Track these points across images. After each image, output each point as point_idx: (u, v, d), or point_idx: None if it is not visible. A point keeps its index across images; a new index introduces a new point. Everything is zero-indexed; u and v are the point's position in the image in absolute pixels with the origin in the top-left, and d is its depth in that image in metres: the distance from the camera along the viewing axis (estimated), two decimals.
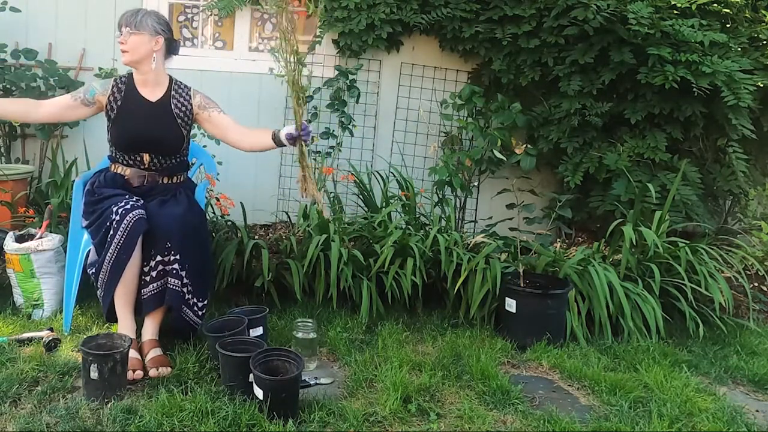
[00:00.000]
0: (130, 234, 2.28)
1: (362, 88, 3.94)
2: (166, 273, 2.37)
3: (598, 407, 2.24)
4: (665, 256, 2.98)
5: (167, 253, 2.35)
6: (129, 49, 2.46)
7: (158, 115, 2.53)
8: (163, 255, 2.35)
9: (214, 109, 2.61)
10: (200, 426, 1.90)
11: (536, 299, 2.74)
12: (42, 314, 2.73)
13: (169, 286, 2.37)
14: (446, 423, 2.08)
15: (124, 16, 2.47)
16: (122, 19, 2.47)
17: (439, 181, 3.43)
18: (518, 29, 3.64)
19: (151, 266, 2.35)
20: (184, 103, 2.58)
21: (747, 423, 2.17)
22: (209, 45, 4.13)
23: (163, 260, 2.35)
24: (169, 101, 2.56)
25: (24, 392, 2.06)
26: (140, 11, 2.49)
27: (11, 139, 3.79)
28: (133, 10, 2.50)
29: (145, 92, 2.55)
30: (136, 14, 2.47)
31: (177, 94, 2.58)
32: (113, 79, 2.58)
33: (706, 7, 3.39)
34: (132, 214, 2.30)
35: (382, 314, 2.89)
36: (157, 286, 2.37)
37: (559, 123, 3.68)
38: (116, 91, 2.53)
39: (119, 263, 2.30)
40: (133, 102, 2.53)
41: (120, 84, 2.55)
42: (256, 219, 3.82)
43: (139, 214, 2.32)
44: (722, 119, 3.34)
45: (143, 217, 2.33)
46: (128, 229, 2.28)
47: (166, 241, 2.34)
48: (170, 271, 2.36)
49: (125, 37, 2.45)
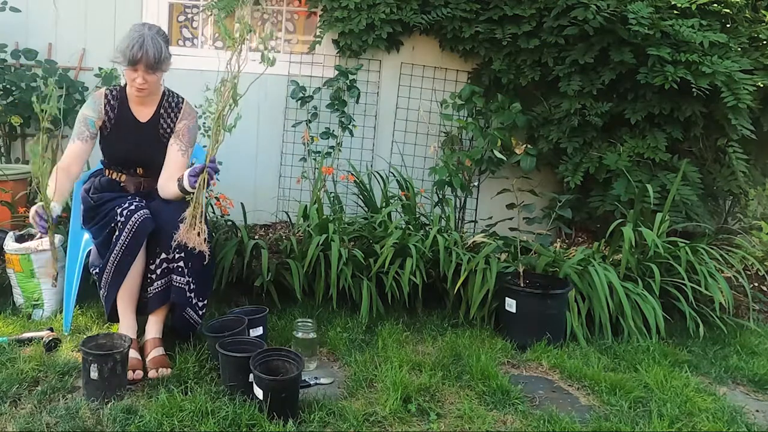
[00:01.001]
0: (135, 234, 2.28)
1: (362, 88, 3.94)
2: (171, 271, 2.37)
3: (598, 407, 2.24)
4: (665, 256, 2.98)
5: (172, 251, 2.35)
6: (147, 87, 2.44)
7: (147, 136, 2.54)
8: (168, 253, 2.35)
9: (178, 144, 2.53)
10: (200, 426, 1.90)
11: (536, 299, 2.74)
12: (42, 314, 2.73)
13: (173, 284, 2.37)
14: (446, 423, 2.08)
15: (142, 58, 2.34)
16: (138, 58, 2.34)
17: (439, 181, 3.43)
18: (518, 29, 3.64)
19: (156, 264, 2.36)
20: (170, 123, 2.57)
21: (747, 423, 2.17)
22: (209, 45, 4.13)
23: (167, 258, 2.36)
24: (158, 121, 2.56)
25: (24, 392, 2.06)
26: (157, 50, 2.37)
27: (11, 139, 3.79)
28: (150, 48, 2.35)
29: (137, 110, 2.54)
30: (155, 55, 2.36)
31: (166, 113, 2.57)
32: (103, 93, 2.54)
33: (706, 7, 3.39)
34: (138, 215, 2.30)
35: (382, 314, 2.89)
36: (162, 284, 2.37)
37: (559, 123, 3.68)
38: (109, 108, 2.52)
39: (124, 263, 2.30)
40: (124, 121, 2.53)
41: (112, 99, 2.53)
42: (256, 219, 3.82)
43: (144, 214, 2.31)
44: (722, 119, 3.33)
45: (149, 216, 2.33)
46: (134, 229, 2.28)
47: (171, 239, 2.33)
48: (175, 269, 2.36)
49: (144, 76, 2.39)
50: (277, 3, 4.06)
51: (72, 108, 3.70)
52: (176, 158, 2.52)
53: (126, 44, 2.36)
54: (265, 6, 4.05)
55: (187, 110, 2.61)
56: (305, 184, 3.92)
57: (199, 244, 2.27)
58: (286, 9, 4.08)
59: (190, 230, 2.26)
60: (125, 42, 2.37)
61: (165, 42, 2.44)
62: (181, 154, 2.53)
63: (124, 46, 2.37)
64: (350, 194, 3.73)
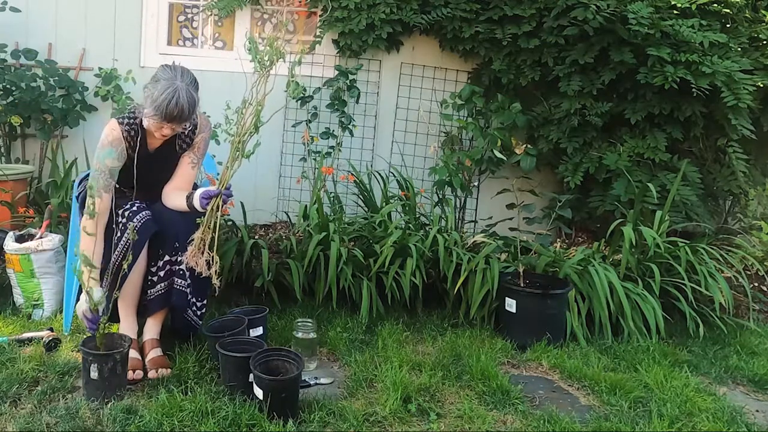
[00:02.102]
0: (138, 233, 2.25)
1: (362, 88, 3.94)
2: (173, 273, 2.36)
3: (598, 407, 2.24)
4: (665, 256, 2.98)
5: (175, 253, 2.34)
6: (167, 137, 2.33)
7: (163, 159, 2.44)
8: (171, 255, 2.34)
9: (191, 157, 2.47)
10: (200, 426, 1.90)
11: (536, 299, 2.74)
12: (42, 314, 2.73)
13: (175, 287, 2.36)
14: (446, 423, 2.07)
15: (177, 116, 2.19)
16: (174, 115, 2.19)
17: (439, 181, 3.43)
18: (518, 29, 3.64)
19: (158, 266, 2.35)
20: (188, 141, 2.48)
21: (747, 423, 2.17)
22: (209, 45, 4.13)
23: (171, 260, 2.35)
24: (175, 144, 2.45)
25: (24, 392, 2.06)
26: (191, 105, 2.22)
27: (11, 139, 3.79)
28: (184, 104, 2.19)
29: (155, 142, 2.41)
30: (189, 110, 2.22)
31: (183, 133, 2.45)
32: (121, 137, 2.33)
33: (706, 7, 3.39)
34: (140, 216, 2.29)
35: (382, 314, 2.89)
36: (164, 287, 2.37)
37: (559, 123, 3.68)
38: (128, 146, 2.36)
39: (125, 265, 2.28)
40: (141, 154, 2.39)
41: (130, 139, 2.35)
42: (256, 219, 3.82)
43: (147, 216, 2.30)
44: (722, 119, 3.34)
45: (151, 218, 2.31)
46: (136, 231, 2.26)
47: (174, 241, 2.33)
48: (177, 272, 2.35)
49: (173, 129, 2.28)
50: (277, 3, 4.06)
51: (72, 108, 3.71)
52: (186, 171, 2.47)
53: (160, 99, 2.18)
54: (265, 6, 4.05)
55: (203, 123, 2.51)
56: (305, 184, 3.92)
57: (205, 271, 2.23)
58: (286, 9, 4.08)
59: (198, 254, 2.23)
60: (157, 93, 2.19)
61: (196, 90, 2.29)
62: (191, 167, 2.48)
63: (157, 100, 2.18)
64: (350, 194, 3.73)
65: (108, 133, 2.33)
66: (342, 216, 3.28)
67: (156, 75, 2.27)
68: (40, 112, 3.63)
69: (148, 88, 2.24)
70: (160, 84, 2.20)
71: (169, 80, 2.21)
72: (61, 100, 3.71)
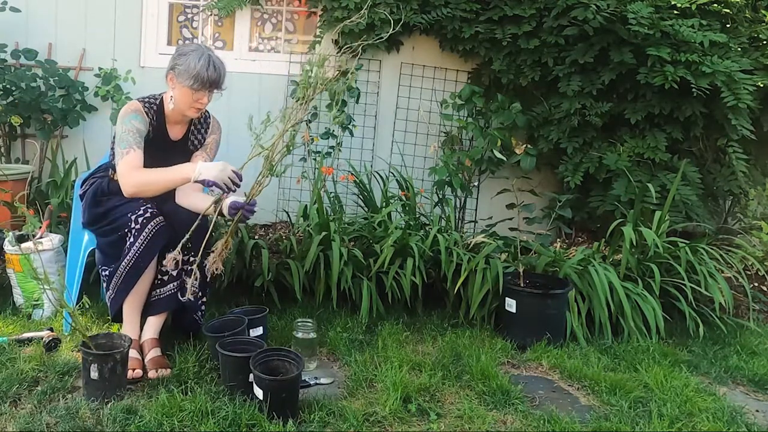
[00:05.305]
0: (150, 243, 2.26)
1: (362, 88, 3.94)
2: (184, 273, 2.36)
3: (598, 407, 2.24)
4: (665, 256, 2.98)
5: (186, 253, 2.32)
6: (204, 106, 2.39)
7: (177, 153, 2.48)
8: (183, 255, 2.30)
9: (203, 157, 2.53)
10: (200, 426, 1.90)
11: (536, 299, 2.74)
12: (42, 314, 2.73)
13: (186, 287, 2.34)
14: (446, 423, 2.08)
15: (217, 79, 2.31)
16: (215, 79, 2.31)
17: (439, 181, 3.43)
18: (518, 29, 3.64)
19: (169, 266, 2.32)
20: (200, 139, 2.56)
21: (747, 423, 2.17)
22: (209, 45, 4.12)
23: (183, 259, 2.31)
24: (188, 137, 2.53)
25: (24, 392, 2.06)
26: (224, 67, 2.36)
27: (11, 139, 3.79)
28: (220, 66, 2.33)
29: (171, 128, 2.48)
30: (224, 73, 2.34)
31: (196, 129, 2.55)
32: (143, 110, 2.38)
33: (706, 7, 3.39)
34: (154, 222, 2.28)
35: (382, 314, 2.89)
36: (175, 287, 2.37)
37: (559, 123, 3.68)
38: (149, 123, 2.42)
39: (136, 270, 2.28)
40: (159, 138, 2.44)
41: (152, 118, 2.41)
42: (256, 219, 3.82)
43: (160, 222, 2.30)
44: (722, 119, 3.34)
45: (164, 224, 2.31)
46: (150, 236, 2.26)
47: (187, 240, 2.29)
48: (188, 272, 2.34)
49: (209, 97, 2.35)
50: (277, 3, 4.06)
51: (72, 108, 3.71)
52: None
53: (198, 66, 2.26)
54: (265, 6, 4.05)
55: (215, 125, 2.59)
56: (305, 184, 3.92)
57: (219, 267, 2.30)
58: (286, 9, 4.08)
59: (219, 260, 2.29)
60: (192, 63, 2.27)
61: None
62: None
63: (195, 68, 2.27)
64: (350, 194, 3.73)
65: (129, 104, 2.41)
66: (342, 216, 3.29)
67: (180, 50, 2.36)
68: (40, 112, 3.63)
69: (179, 64, 2.31)
70: (192, 55, 2.29)
71: (198, 49, 2.31)
72: (61, 100, 3.70)
